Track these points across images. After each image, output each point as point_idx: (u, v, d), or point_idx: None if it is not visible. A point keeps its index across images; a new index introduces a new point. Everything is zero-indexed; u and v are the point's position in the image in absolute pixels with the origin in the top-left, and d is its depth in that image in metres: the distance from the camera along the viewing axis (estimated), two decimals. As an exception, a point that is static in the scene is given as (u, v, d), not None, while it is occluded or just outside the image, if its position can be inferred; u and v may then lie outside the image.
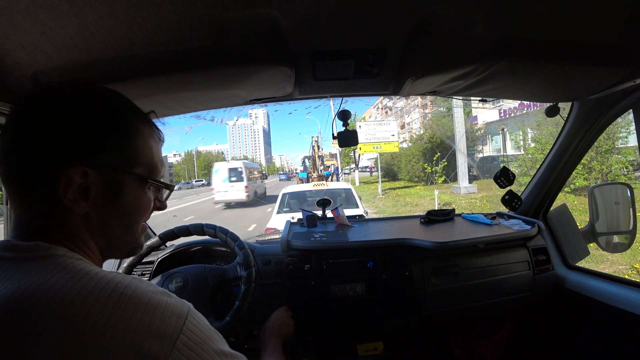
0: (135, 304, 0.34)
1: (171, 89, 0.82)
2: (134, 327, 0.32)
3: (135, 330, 0.32)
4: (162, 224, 1.45)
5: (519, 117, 13.36)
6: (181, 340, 0.35)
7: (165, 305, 0.36)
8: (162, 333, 0.34)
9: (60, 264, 0.36)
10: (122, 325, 0.32)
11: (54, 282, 0.33)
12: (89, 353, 0.31)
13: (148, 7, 0.51)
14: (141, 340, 0.32)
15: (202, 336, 0.37)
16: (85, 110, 0.41)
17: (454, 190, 11.97)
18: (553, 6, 0.59)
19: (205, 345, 0.37)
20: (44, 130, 0.39)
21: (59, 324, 0.31)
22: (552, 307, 1.24)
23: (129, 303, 0.34)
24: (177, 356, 0.34)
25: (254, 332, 1.12)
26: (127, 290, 0.34)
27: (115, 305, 0.33)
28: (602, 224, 1.24)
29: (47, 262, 0.36)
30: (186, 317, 0.36)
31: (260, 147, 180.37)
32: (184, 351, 0.34)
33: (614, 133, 7.14)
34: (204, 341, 0.37)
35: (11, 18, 0.47)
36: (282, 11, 0.57)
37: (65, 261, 0.37)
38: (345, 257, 1.13)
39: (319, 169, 15.24)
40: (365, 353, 1.18)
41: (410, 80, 0.87)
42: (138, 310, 0.34)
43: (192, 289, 0.94)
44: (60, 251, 0.38)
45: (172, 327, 0.35)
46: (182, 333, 0.35)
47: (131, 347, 0.32)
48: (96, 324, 0.31)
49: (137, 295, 0.35)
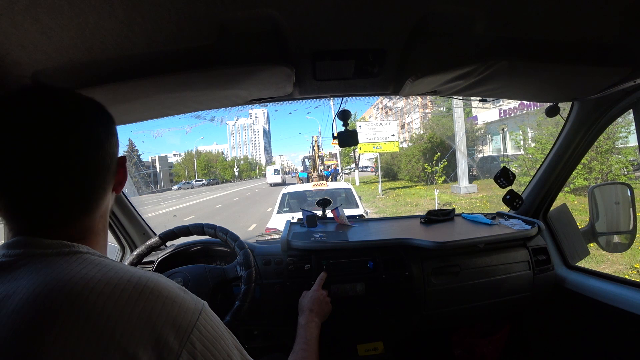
0: (157, 297, 0.36)
1: (171, 89, 0.82)
2: (154, 317, 0.35)
3: (155, 320, 0.35)
4: (162, 224, 1.45)
5: (519, 117, 13.35)
6: (194, 334, 0.37)
7: (182, 299, 0.38)
8: (178, 325, 0.36)
9: (86, 259, 0.38)
10: (144, 315, 0.35)
11: (84, 274, 0.36)
12: (115, 338, 0.33)
13: (148, 7, 0.51)
14: (160, 330, 0.35)
15: (214, 334, 0.39)
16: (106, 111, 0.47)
17: (454, 190, 11.97)
18: (553, 6, 0.59)
19: (216, 343, 0.38)
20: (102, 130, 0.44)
21: (90, 311, 0.33)
22: (552, 307, 1.24)
23: (151, 295, 0.36)
24: (190, 349, 0.36)
25: (254, 332, 1.12)
26: (150, 284, 0.37)
27: (140, 297, 0.35)
28: (602, 224, 1.24)
29: (74, 258, 0.38)
30: (200, 314, 0.39)
31: (260, 147, 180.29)
32: (196, 345, 0.36)
33: (614, 133, 7.14)
34: (215, 339, 0.39)
35: (11, 18, 0.47)
36: (283, 11, 0.57)
37: (90, 257, 0.39)
38: (345, 257, 1.13)
39: (319, 169, 15.25)
40: (365, 353, 1.18)
41: (410, 80, 0.87)
42: (159, 302, 0.36)
43: (192, 289, 0.93)
44: (84, 249, 0.40)
45: (187, 320, 0.37)
46: (195, 327, 0.37)
47: (151, 336, 0.34)
48: (123, 312, 0.34)
49: (159, 288, 0.37)
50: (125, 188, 1.34)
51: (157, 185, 50.19)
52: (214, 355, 0.37)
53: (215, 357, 0.37)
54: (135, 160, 23.91)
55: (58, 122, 0.40)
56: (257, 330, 1.12)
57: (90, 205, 0.43)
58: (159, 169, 60.97)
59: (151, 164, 59.99)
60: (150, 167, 55.13)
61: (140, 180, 18.29)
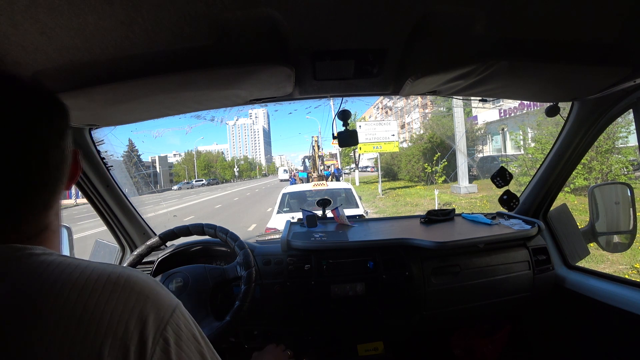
0: (129, 292, 0.35)
1: (171, 89, 0.82)
2: (127, 314, 0.33)
3: (128, 318, 0.33)
4: (162, 224, 1.45)
5: (519, 117, 13.35)
6: (168, 331, 0.35)
7: (156, 294, 0.37)
8: (152, 321, 0.35)
9: (44, 261, 0.35)
10: (116, 312, 0.33)
11: (45, 277, 0.33)
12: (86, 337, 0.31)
13: (148, 7, 0.51)
14: (133, 326, 0.33)
15: (188, 333, 0.38)
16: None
17: (454, 190, 11.97)
18: (553, 6, 0.59)
19: (190, 343, 0.37)
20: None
21: (57, 318, 0.31)
22: (552, 307, 1.24)
23: (123, 291, 0.34)
24: (163, 346, 0.34)
25: (254, 332, 1.12)
26: (121, 279, 0.35)
27: (111, 293, 0.34)
28: (602, 223, 1.24)
29: (30, 261, 0.35)
30: (174, 310, 0.37)
31: (260, 147, 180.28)
32: (170, 342, 0.35)
33: (614, 133, 7.14)
34: (189, 338, 0.37)
35: (11, 18, 0.47)
36: (282, 11, 0.57)
37: (47, 258, 0.35)
38: (346, 257, 1.13)
39: (319, 169, 15.25)
40: (365, 353, 1.18)
41: (410, 80, 0.87)
42: (131, 298, 0.35)
43: (192, 288, 0.94)
44: (38, 250, 0.36)
45: (161, 317, 0.36)
46: (169, 324, 0.36)
47: (124, 334, 0.32)
48: (93, 311, 0.32)
49: (130, 283, 0.36)
50: (125, 188, 1.33)
51: (157, 185, 50.20)
52: (187, 354, 0.36)
53: (189, 356, 0.36)
54: (135, 160, 23.90)
55: (12, 116, 0.37)
56: (257, 330, 1.12)
57: (48, 204, 0.40)
58: (159, 169, 60.96)
59: (151, 164, 59.98)
60: (150, 167, 55.08)
61: (140, 180, 18.30)
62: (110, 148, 1.22)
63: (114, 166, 1.22)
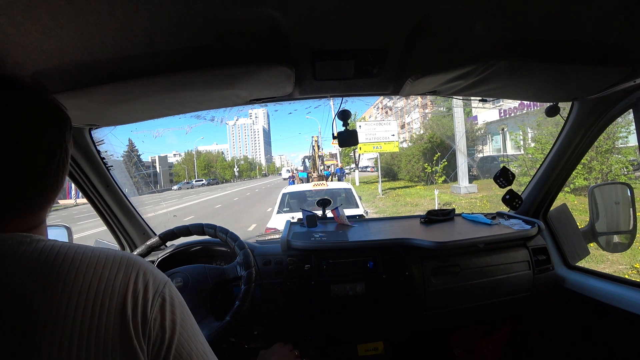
0: (132, 267, 0.42)
1: (171, 89, 0.82)
2: (132, 281, 0.40)
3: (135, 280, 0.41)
4: (162, 224, 1.45)
5: (519, 117, 13.34)
6: (165, 290, 0.43)
7: (152, 270, 0.44)
8: (152, 283, 0.42)
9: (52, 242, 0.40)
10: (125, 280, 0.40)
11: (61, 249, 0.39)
12: (101, 299, 0.38)
13: (148, 7, 0.51)
14: (138, 288, 0.41)
15: (179, 300, 0.45)
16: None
17: (454, 190, 11.97)
18: (553, 6, 0.59)
19: (181, 307, 0.44)
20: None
21: (75, 278, 0.37)
22: (552, 307, 1.24)
23: (127, 266, 0.42)
24: (160, 302, 0.41)
25: (254, 332, 1.12)
26: (124, 258, 0.42)
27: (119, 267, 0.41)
28: (602, 223, 1.24)
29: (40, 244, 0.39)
30: (167, 282, 0.44)
31: (260, 147, 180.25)
32: (166, 297, 0.42)
33: (614, 133, 7.14)
34: (180, 303, 0.44)
35: (11, 18, 0.47)
36: (282, 11, 0.57)
37: (49, 242, 0.40)
38: (346, 257, 1.13)
39: (319, 169, 15.24)
40: (365, 353, 1.18)
41: (410, 80, 0.87)
42: (134, 270, 0.42)
43: (192, 288, 0.94)
44: (38, 237, 0.41)
45: (158, 282, 0.43)
46: (166, 286, 0.43)
47: (132, 294, 0.40)
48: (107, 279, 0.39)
49: (132, 261, 0.43)
50: (125, 188, 1.33)
51: (157, 185, 50.22)
52: (180, 315, 0.43)
53: (181, 316, 0.43)
54: (135, 160, 23.89)
55: (24, 123, 0.41)
56: (257, 330, 1.12)
57: (47, 202, 0.44)
58: (159, 169, 60.96)
59: (151, 164, 59.99)
60: (150, 167, 55.11)
61: (140, 180, 18.29)
62: (110, 148, 1.22)
63: (114, 166, 1.22)
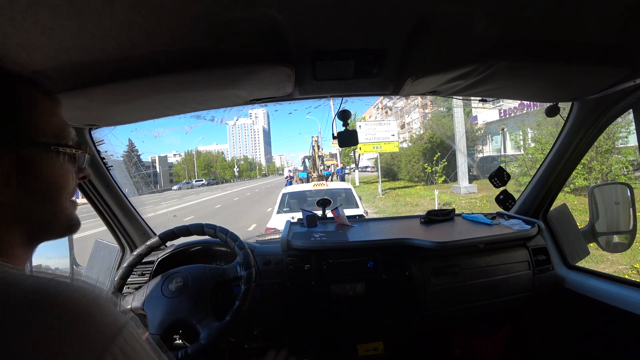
0: (57, 315, 0.28)
1: (171, 89, 0.82)
2: (51, 342, 0.27)
3: (58, 347, 0.27)
4: (162, 224, 1.45)
5: (519, 117, 13.35)
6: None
7: (94, 317, 0.30)
8: (85, 350, 0.27)
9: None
10: (41, 341, 0.26)
11: None
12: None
13: (148, 7, 0.51)
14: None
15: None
16: None
17: (454, 190, 11.96)
18: (553, 6, 0.59)
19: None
20: None
21: None
22: (552, 307, 1.24)
23: (50, 314, 0.28)
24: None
25: (254, 332, 1.12)
26: (49, 298, 0.29)
27: (35, 317, 0.27)
28: (602, 223, 1.24)
29: None
30: (121, 332, 0.30)
31: (260, 147, 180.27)
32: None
33: (614, 133, 7.14)
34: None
35: (11, 18, 0.47)
36: (282, 11, 0.57)
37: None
38: (345, 257, 1.13)
39: (319, 169, 15.24)
40: (365, 353, 1.18)
41: (410, 80, 0.87)
42: (63, 321, 0.28)
43: (192, 289, 0.94)
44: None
45: (98, 343, 0.28)
46: (109, 351, 0.28)
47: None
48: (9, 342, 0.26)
49: (57, 303, 0.29)
50: (125, 188, 1.33)
51: (157, 185, 50.19)
52: None
53: None
54: (135, 160, 23.88)
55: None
56: (257, 330, 1.12)
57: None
58: (159, 169, 60.98)
59: (151, 164, 60.02)
60: (150, 167, 55.10)
61: (140, 180, 18.28)
62: (110, 148, 1.22)
63: (114, 166, 1.22)
